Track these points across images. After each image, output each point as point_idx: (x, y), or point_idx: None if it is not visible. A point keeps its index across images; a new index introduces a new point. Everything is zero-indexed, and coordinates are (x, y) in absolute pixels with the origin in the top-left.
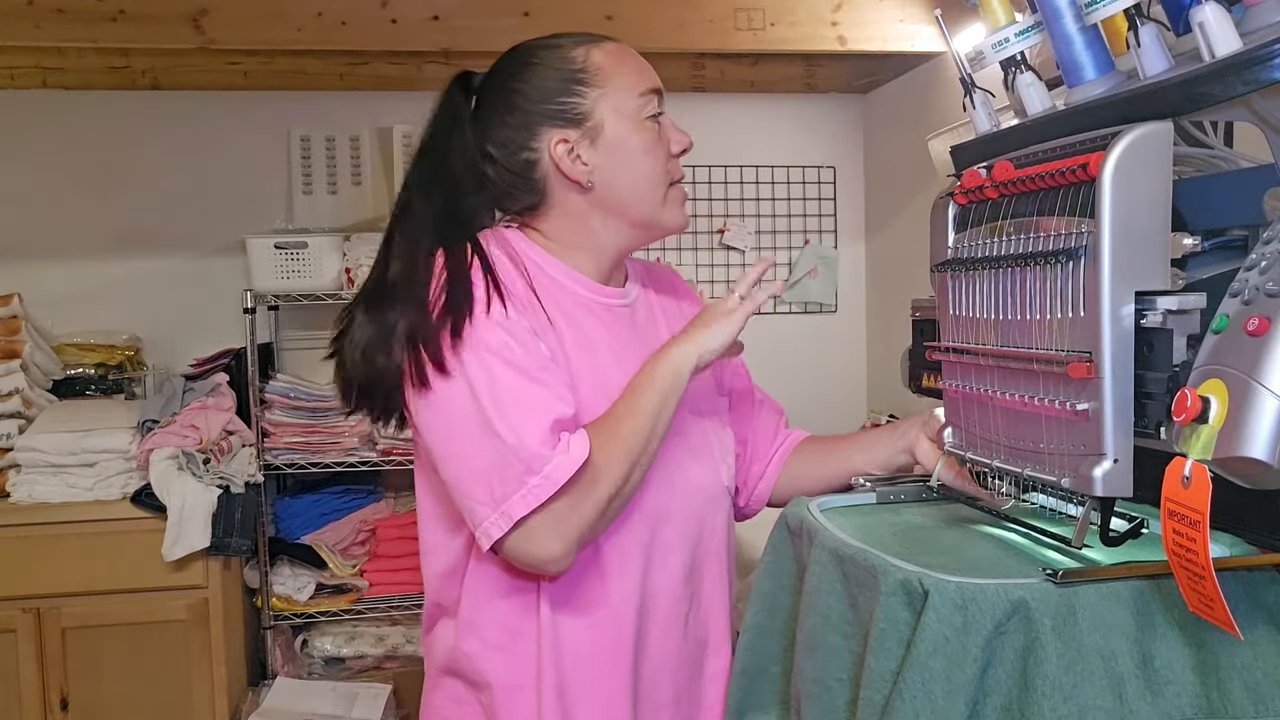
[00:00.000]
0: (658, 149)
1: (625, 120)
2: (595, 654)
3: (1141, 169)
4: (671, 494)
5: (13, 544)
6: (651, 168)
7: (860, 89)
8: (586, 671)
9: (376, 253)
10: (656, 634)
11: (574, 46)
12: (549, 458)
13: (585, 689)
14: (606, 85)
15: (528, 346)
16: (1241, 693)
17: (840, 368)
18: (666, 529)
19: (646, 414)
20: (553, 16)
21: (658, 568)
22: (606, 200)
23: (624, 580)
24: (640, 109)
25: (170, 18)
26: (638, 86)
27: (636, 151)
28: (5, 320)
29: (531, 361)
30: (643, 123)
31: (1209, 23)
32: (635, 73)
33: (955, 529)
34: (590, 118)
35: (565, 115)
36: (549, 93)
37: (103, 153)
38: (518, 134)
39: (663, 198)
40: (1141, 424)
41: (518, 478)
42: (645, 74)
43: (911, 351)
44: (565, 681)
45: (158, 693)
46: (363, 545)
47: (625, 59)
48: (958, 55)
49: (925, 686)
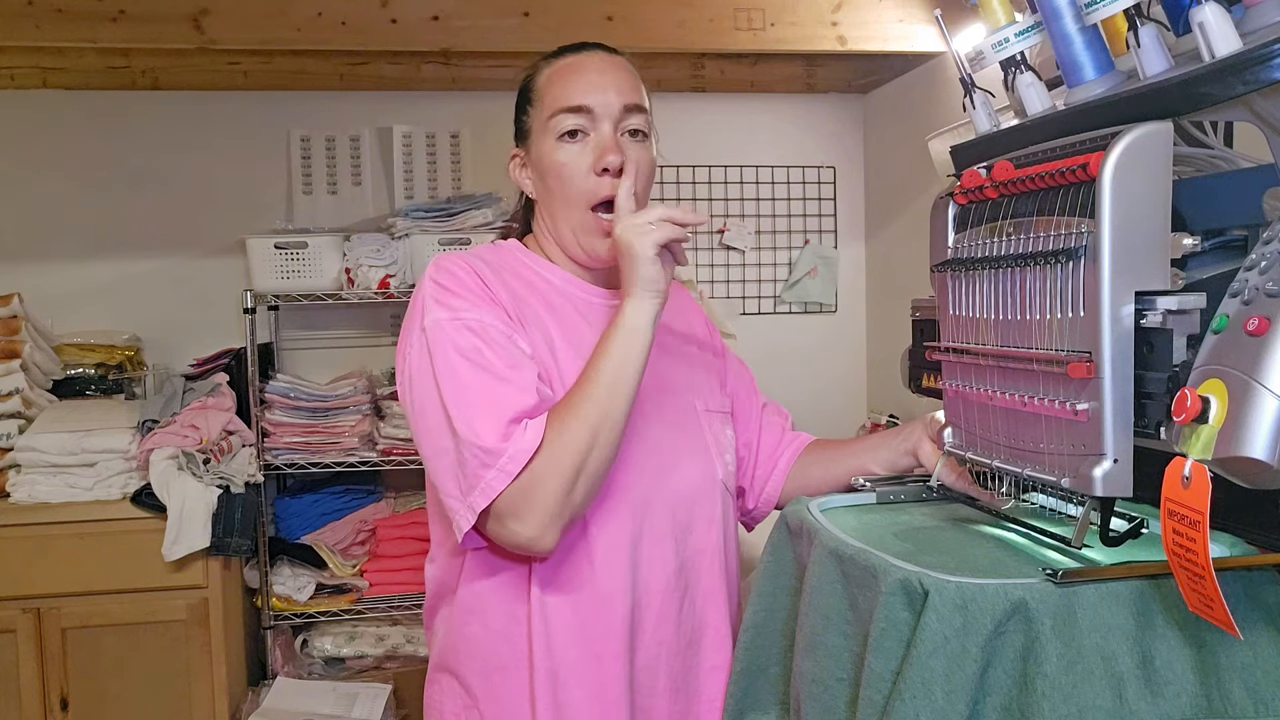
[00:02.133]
0: (565, 170)
1: (541, 140)
2: (586, 638)
3: (1141, 169)
4: (660, 484)
5: (13, 544)
6: (560, 188)
7: (860, 89)
8: (578, 655)
9: (378, 253)
10: (651, 622)
11: (542, 64)
12: (503, 450)
13: (577, 673)
14: (538, 105)
15: (498, 347)
16: (1241, 693)
17: (840, 368)
18: (655, 519)
19: (601, 378)
20: (552, 17)
21: (647, 557)
22: (545, 210)
23: (612, 567)
24: (554, 129)
25: (170, 18)
26: (554, 105)
27: (548, 171)
28: (5, 320)
29: (500, 360)
30: (554, 142)
31: (1209, 23)
32: (560, 92)
33: (955, 529)
34: (529, 136)
35: (520, 130)
36: (517, 109)
37: (103, 153)
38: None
39: (579, 223)
40: (1141, 424)
41: (475, 472)
42: (570, 92)
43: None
44: (557, 665)
45: (158, 693)
46: (363, 545)
47: (562, 77)
48: (958, 55)
49: (925, 686)
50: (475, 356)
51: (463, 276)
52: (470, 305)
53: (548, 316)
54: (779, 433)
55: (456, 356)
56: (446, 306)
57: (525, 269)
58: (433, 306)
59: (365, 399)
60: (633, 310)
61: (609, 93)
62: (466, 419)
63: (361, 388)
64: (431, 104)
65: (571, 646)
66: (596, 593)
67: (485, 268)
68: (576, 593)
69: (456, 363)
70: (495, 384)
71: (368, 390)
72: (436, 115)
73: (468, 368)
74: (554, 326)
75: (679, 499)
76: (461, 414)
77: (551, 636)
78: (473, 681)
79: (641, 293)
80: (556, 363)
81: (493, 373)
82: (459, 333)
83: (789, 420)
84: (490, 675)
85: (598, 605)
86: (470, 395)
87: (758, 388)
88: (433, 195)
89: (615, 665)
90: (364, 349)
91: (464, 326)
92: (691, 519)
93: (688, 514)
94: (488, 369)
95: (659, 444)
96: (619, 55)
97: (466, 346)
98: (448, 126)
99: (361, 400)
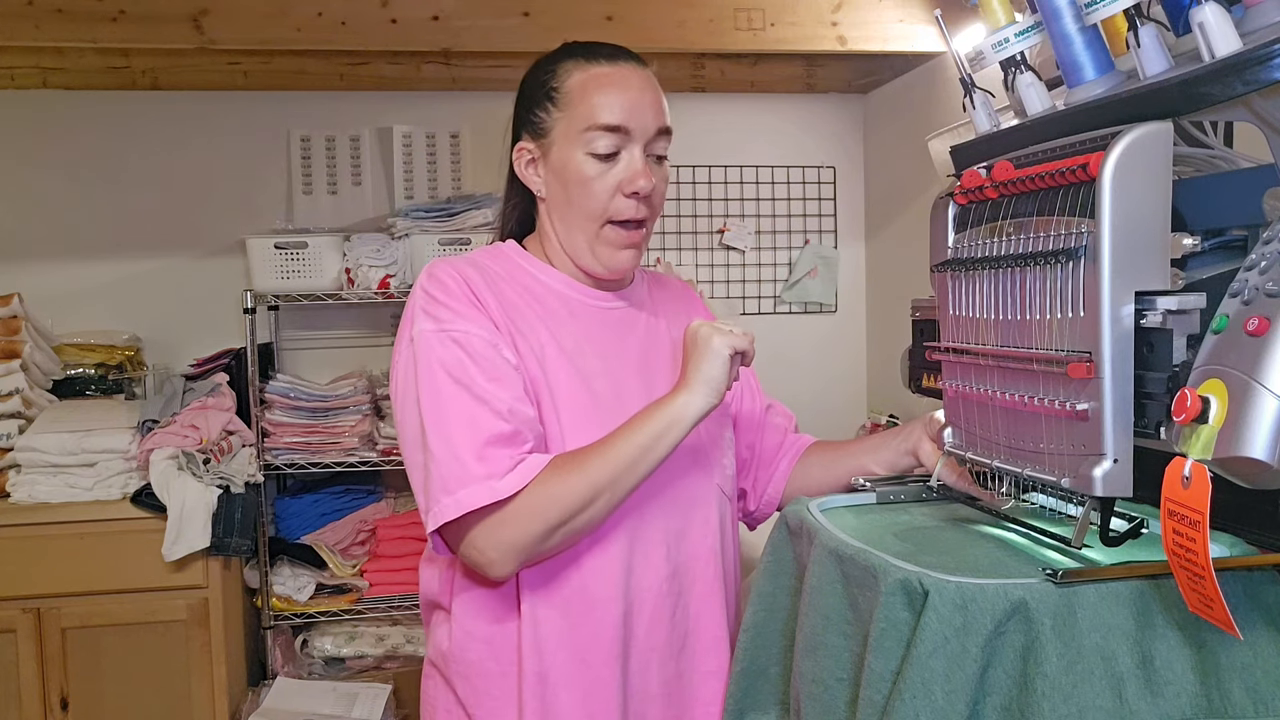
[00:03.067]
0: (595, 185)
1: (569, 147)
2: (575, 643)
3: (1141, 169)
4: (653, 490)
5: (13, 544)
6: (582, 201)
7: (860, 89)
8: (567, 659)
9: (378, 253)
10: (643, 627)
11: (569, 61)
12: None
13: (567, 676)
14: (567, 109)
15: (482, 360)
16: (1241, 693)
17: (840, 368)
18: (648, 524)
19: (624, 450)
20: (553, 17)
21: (639, 562)
22: (556, 214)
23: (603, 572)
24: (586, 142)
25: (170, 18)
26: (591, 119)
27: (570, 181)
28: (5, 320)
29: (482, 375)
30: (584, 155)
31: (1209, 23)
32: (601, 105)
33: (955, 529)
34: (548, 135)
35: (534, 127)
36: (531, 102)
37: (103, 153)
38: (514, 130)
39: (594, 235)
40: (1141, 424)
41: (434, 495)
42: (612, 110)
43: (911, 351)
44: (546, 668)
45: (158, 693)
46: (363, 545)
47: (603, 89)
48: (958, 55)
49: (925, 686)
50: (458, 371)
51: (451, 286)
52: (456, 316)
53: (541, 323)
54: (781, 435)
55: (440, 371)
56: (433, 318)
57: (522, 273)
58: (420, 317)
59: (365, 399)
60: (684, 402)
61: (646, 115)
62: (443, 436)
63: (361, 388)
64: (431, 104)
65: (560, 650)
66: (586, 597)
67: (476, 275)
68: (565, 597)
69: (439, 378)
70: (474, 404)
71: (368, 390)
72: (436, 115)
73: (449, 384)
74: (547, 333)
75: (673, 504)
76: (439, 432)
77: (540, 640)
78: (461, 682)
79: (700, 387)
80: (545, 373)
81: (473, 391)
82: (444, 345)
83: (792, 422)
84: (479, 677)
85: (587, 610)
86: (449, 414)
87: (761, 389)
88: (433, 195)
89: (605, 669)
90: (364, 349)
91: (449, 339)
92: (686, 524)
93: (682, 519)
94: (469, 386)
95: None
96: (648, 70)
97: (450, 360)
98: (448, 126)
99: (361, 400)
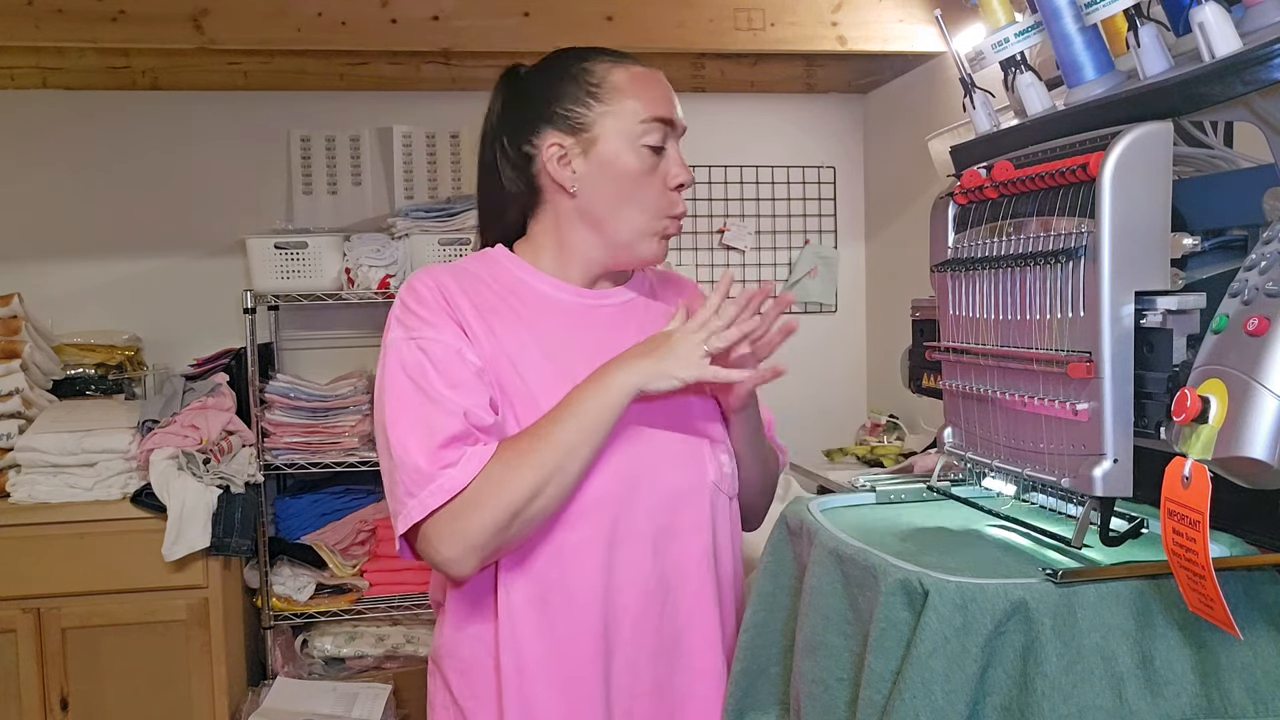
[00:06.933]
0: (648, 177)
1: (621, 140)
2: (554, 637)
3: (1141, 169)
4: (636, 488)
5: (13, 544)
6: (636, 192)
7: (860, 89)
8: (546, 653)
9: (378, 253)
10: (628, 624)
11: (601, 60)
12: (432, 476)
13: (546, 670)
14: (613, 104)
15: (443, 365)
16: (1241, 693)
17: (840, 368)
18: (631, 523)
19: (561, 438)
20: (552, 17)
21: (623, 559)
22: (588, 212)
23: (583, 569)
24: (640, 134)
25: (170, 18)
26: (643, 112)
27: (624, 173)
28: (5, 320)
29: (442, 380)
30: (638, 148)
31: (1209, 23)
32: (648, 100)
33: (955, 529)
34: (589, 129)
35: (567, 121)
36: (561, 97)
37: (103, 153)
38: (524, 125)
39: (648, 226)
40: (1141, 424)
41: (401, 499)
42: (659, 104)
43: (911, 351)
44: (524, 662)
45: (158, 693)
46: (363, 545)
47: (646, 85)
48: (958, 55)
49: (925, 686)
50: (418, 375)
51: (425, 294)
52: (423, 323)
53: (525, 329)
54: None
55: (403, 376)
56: (404, 325)
57: (510, 277)
58: (393, 325)
59: (365, 399)
60: (618, 381)
61: (679, 113)
62: (401, 442)
63: (361, 388)
64: (431, 104)
65: (537, 643)
66: (565, 593)
67: (452, 282)
68: (541, 593)
69: (402, 383)
70: (429, 407)
71: (367, 390)
72: (436, 115)
73: (410, 389)
74: (530, 338)
75: (660, 502)
76: (398, 438)
77: (516, 634)
78: (455, 677)
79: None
80: (523, 377)
81: (430, 395)
82: (409, 351)
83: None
84: (469, 672)
85: (566, 603)
86: (408, 418)
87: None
88: (433, 195)
89: (587, 665)
90: (364, 349)
91: (415, 345)
92: (674, 522)
93: (670, 517)
94: (427, 391)
95: (639, 447)
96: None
97: (412, 364)
98: (448, 126)
99: (361, 400)
